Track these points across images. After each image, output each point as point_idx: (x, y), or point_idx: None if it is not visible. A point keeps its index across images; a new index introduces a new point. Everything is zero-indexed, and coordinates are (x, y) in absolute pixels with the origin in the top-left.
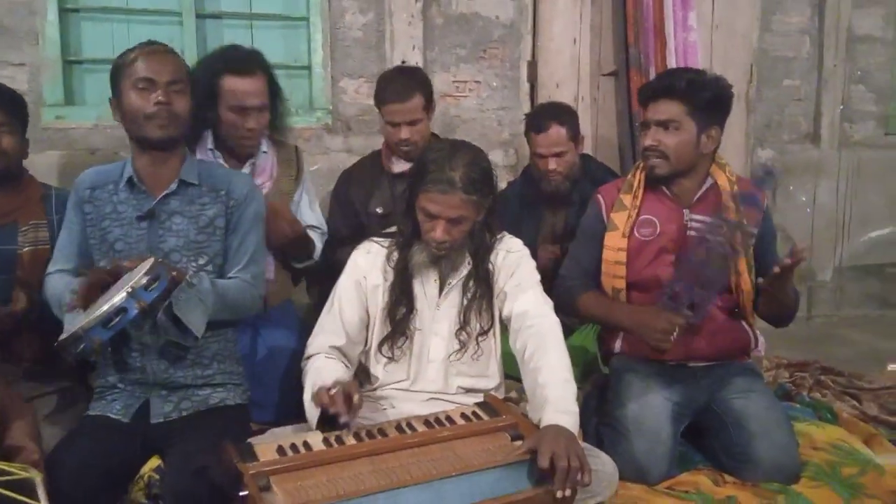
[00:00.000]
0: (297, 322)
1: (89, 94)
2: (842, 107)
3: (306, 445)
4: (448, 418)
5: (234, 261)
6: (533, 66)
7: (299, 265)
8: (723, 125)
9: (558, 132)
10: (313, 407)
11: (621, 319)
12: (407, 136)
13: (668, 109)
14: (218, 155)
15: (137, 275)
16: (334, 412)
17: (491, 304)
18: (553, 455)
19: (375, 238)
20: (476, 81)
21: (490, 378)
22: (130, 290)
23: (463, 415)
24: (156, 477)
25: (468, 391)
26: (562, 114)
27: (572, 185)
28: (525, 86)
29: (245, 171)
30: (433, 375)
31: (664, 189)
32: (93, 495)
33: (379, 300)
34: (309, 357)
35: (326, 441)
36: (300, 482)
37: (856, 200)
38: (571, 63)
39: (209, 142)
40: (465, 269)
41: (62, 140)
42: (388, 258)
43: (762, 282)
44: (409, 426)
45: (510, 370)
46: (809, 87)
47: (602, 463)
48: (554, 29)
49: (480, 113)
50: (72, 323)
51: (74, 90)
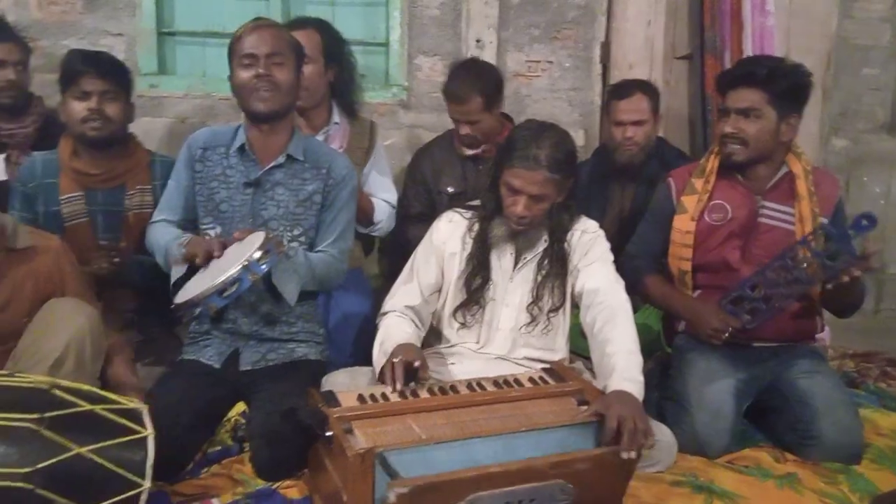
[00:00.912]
0: (369, 289)
1: (180, 65)
2: None
3: (384, 396)
4: (516, 381)
5: (325, 235)
6: (606, 48)
7: (363, 230)
8: (801, 113)
9: (641, 99)
10: (379, 360)
11: (680, 309)
12: (467, 132)
13: (749, 97)
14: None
15: (251, 248)
16: (389, 384)
17: (564, 282)
18: (620, 418)
19: (458, 209)
20: (549, 62)
21: (556, 352)
22: (246, 263)
23: (530, 378)
24: (241, 420)
25: (534, 361)
26: (646, 86)
27: (645, 161)
28: (597, 67)
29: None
30: (501, 343)
31: (737, 175)
32: (188, 432)
33: (455, 267)
34: (384, 314)
35: (402, 394)
36: (379, 428)
37: None
38: (645, 45)
39: None
40: (542, 247)
41: (155, 108)
42: (469, 229)
43: (829, 287)
44: (480, 385)
45: (573, 344)
46: (888, 77)
47: (662, 433)
48: (629, 10)
49: (551, 93)
50: (177, 275)
51: (167, 60)
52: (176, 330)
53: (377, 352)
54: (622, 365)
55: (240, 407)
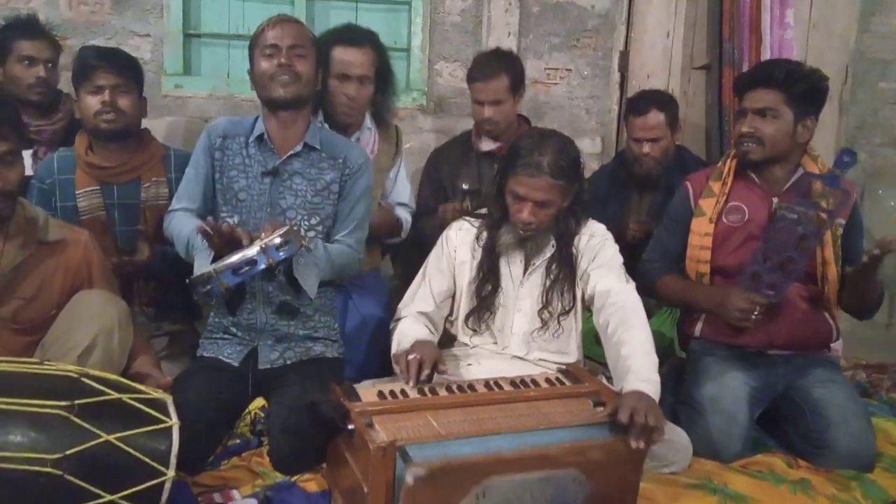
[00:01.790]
0: (385, 291)
1: (205, 66)
2: None
3: (403, 393)
4: (533, 381)
5: (342, 225)
6: (625, 57)
7: (389, 241)
8: (818, 116)
9: (657, 117)
10: (397, 364)
11: (701, 300)
12: (490, 115)
13: (767, 98)
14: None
15: (272, 235)
16: (404, 378)
17: (573, 286)
18: (632, 410)
19: (467, 217)
20: (567, 69)
21: (569, 355)
22: (263, 246)
23: (547, 379)
24: (261, 415)
25: (548, 363)
26: (663, 100)
27: (663, 171)
28: (616, 76)
29: None
30: (515, 347)
31: (753, 177)
32: (210, 425)
33: (466, 275)
34: (398, 319)
35: (421, 391)
36: (399, 423)
37: None
38: (664, 55)
39: (319, 116)
40: (549, 252)
41: (179, 107)
42: (478, 237)
43: (850, 269)
44: (497, 384)
45: (588, 350)
46: None
47: (677, 435)
48: (648, 21)
49: (569, 101)
50: (201, 262)
51: (192, 61)
52: (196, 325)
53: (395, 352)
54: (637, 366)
55: (259, 402)
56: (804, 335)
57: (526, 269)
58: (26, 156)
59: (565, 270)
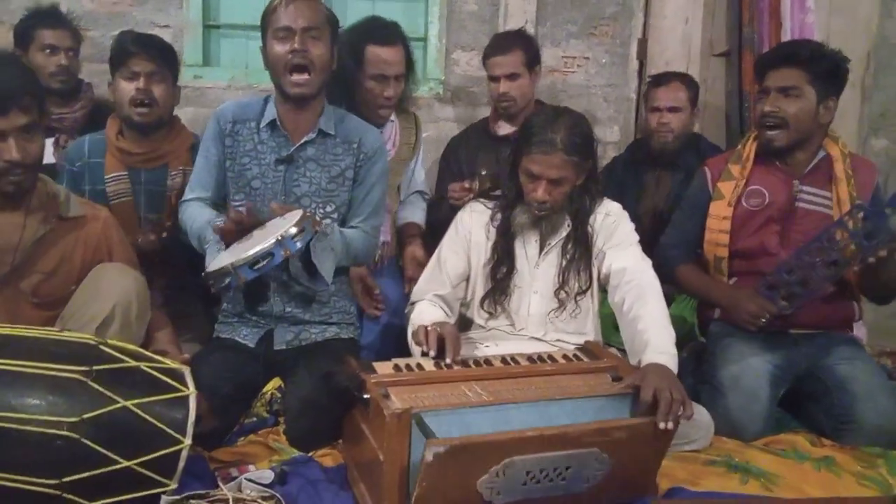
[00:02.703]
0: (401, 278)
1: (224, 57)
2: None
3: (419, 366)
4: (550, 357)
5: (358, 211)
6: (643, 44)
7: None
8: (838, 97)
9: (678, 87)
10: (414, 345)
11: (716, 296)
12: (506, 90)
13: (790, 76)
14: None
15: (287, 224)
16: (426, 349)
17: (589, 265)
18: (656, 389)
19: (481, 199)
20: (585, 57)
21: (587, 335)
22: (280, 238)
23: (564, 356)
24: (277, 395)
25: (566, 344)
26: (686, 77)
27: (680, 150)
28: (634, 63)
29: None
30: (532, 329)
31: (774, 160)
32: (227, 404)
33: (481, 256)
34: (413, 303)
35: (437, 364)
36: (414, 394)
37: None
38: (682, 42)
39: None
40: (565, 231)
41: (199, 98)
42: (492, 219)
43: (871, 260)
44: (513, 360)
45: (606, 337)
46: None
47: (699, 412)
48: (667, 7)
49: (587, 89)
50: (212, 256)
51: (211, 52)
52: (213, 309)
53: (412, 332)
54: (655, 339)
55: (275, 382)
56: (826, 314)
57: (541, 250)
58: (47, 144)
59: (581, 250)
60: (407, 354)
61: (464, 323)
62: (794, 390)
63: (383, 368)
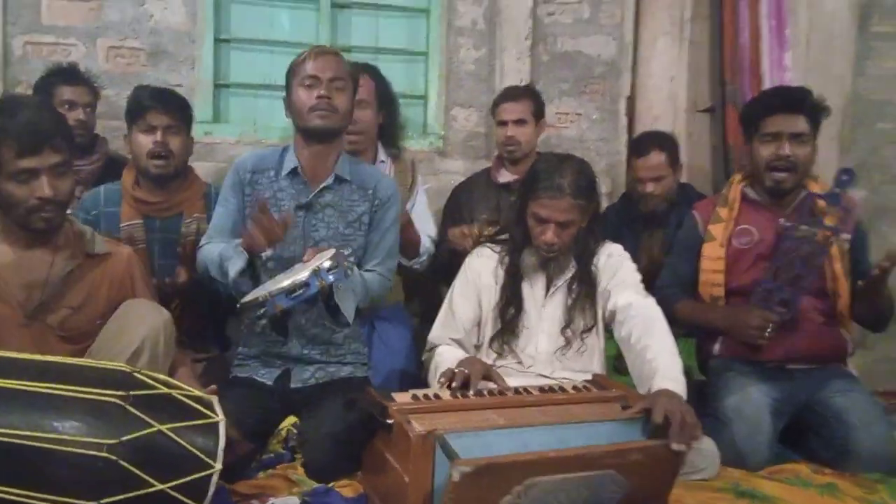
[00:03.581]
0: (409, 323)
1: (233, 114)
2: None
3: (436, 396)
4: (561, 388)
5: (373, 255)
6: (631, 101)
7: (407, 262)
8: None
9: (658, 158)
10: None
11: (716, 320)
12: (513, 134)
13: (801, 123)
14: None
15: (322, 258)
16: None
17: (594, 304)
18: (668, 412)
19: (489, 244)
20: (577, 114)
21: (594, 372)
22: (315, 269)
23: (574, 387)
24: (293, 431)
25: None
26: (663, 141)
27: (669, 208)
28: (623, 119)
29: None
30: (540, 367)
31: (760, 200)
32: (248, 434)
33: (491, 299)
34: (432, 348)
35: (453, 394)
36: (434, 421)
37: None
38: (668, 99)
39: None
40: (570, 272)
41: (209, 153)
42: (500, 262)
43: (861, 283)
44: (526, 391)
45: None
46: None
47: (705, 442)
48: (652, 67)
49: (580, 143)
50: (234, 267)
51: (221, 110)
52: (227, 354)
53: (434, 374)
54: (663, 366)
55: (290, 420)
56: (820, 349)
57: (548, 290)
58: None
59: (586, 289)
60: None
61: None
62: (794, 424)
63: (402, 398)
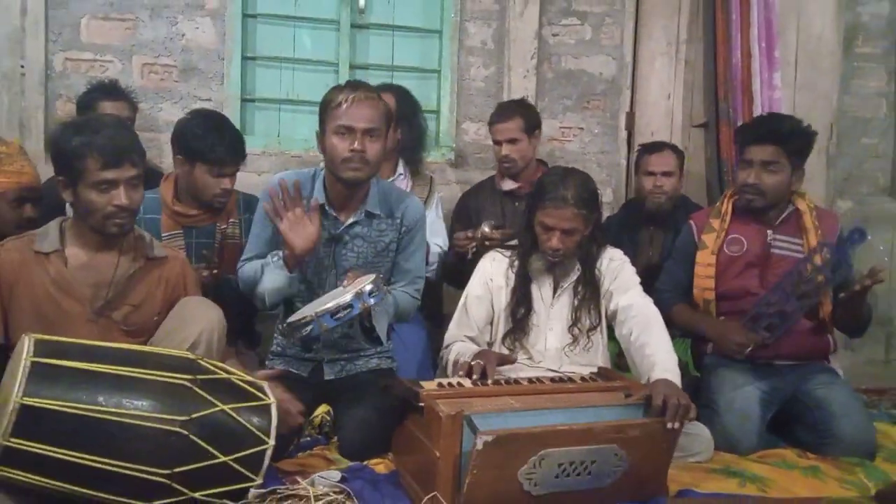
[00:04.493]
0: (423, 323)
1: (258, 127)
2: None
3: (459, 384)
4: (570, 378)
5: (402, 277)
6: (631, 117)
7: None
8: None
9: (670, 154)
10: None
11: (707, 330)
12: (507, 153)
13: (771, 152)
14: None
15: (364, 282)
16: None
17: (598, 304)
18: (664, 395)
19: (499, 250)
20: (580, 128)
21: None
22: (358, 292)
23: (582, 377)
24: (327, 418)
25: None
26: (674, 146)
27: (669, 213)
28: (623, 133)
29: None
30: (549, 363)
31: (750, 214)
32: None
33: (503, 300)
34: (447, 346)
35: (475, 383)
36: (460, 404)
37: None
38: (665, 115)
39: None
40: (575, 275)
41: None
42: (511, 266)
43: (843, 295)
44: (539, 380)
45: None
46: (887, 146)
47: (700, 429)
48: (651, 85)
49: (582, 156)
50: (272, 279)
51: (247, 123)
52: (257, 351)
53: (452, 366)
54: (661, 360)
55: (324, 408)
56: (805, 349)
57: (555, 292)
58: None
59: (590, 290)
60: None
61: None
62: (781, 414)
63: (429, 386)
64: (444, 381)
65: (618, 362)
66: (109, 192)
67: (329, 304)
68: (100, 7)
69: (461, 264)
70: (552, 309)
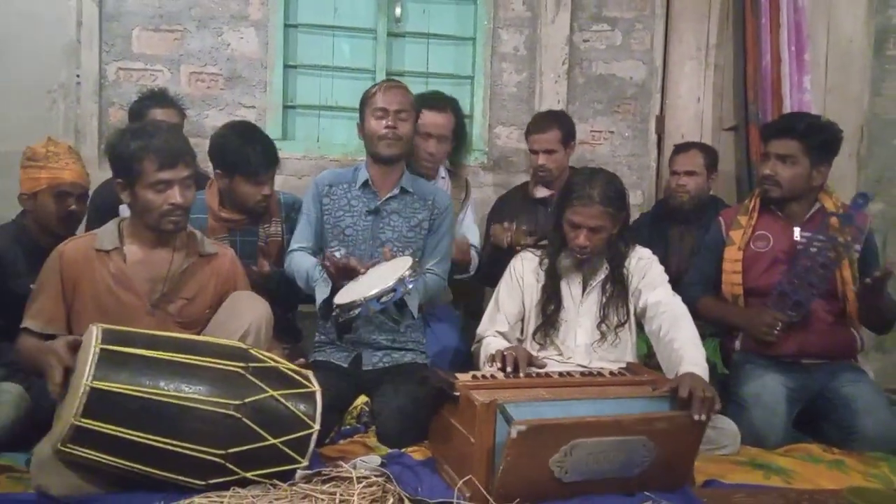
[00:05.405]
0: (458, 322)
1: (299, 132)
2: None
3: (492, 377)
4: (599, 372)
5: (431, 257)
6: (661, 121)
7: (458, 276)
8: (831, 163)
9: (696, 154)
10: (488, 367)
11: (733, 317)
12: (543, 163)
13: (788, 146)
14: None
15: (403, 266)
16: (506, 367)
17: (626, 301)
18: (691, 388)
19: (530, 248)
20: (610, 132)
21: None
22: (401, 277)
23: (610, 372)
24: (366, 409)
25: None
26: (705, 146)
27: (698, 209)
28: (653, 137)
29: None
30: (579, 358)
31: (777, 210)
32: (327, 412)
33: (533, 297)
34: (480, 340)
35: (507, 375)
36: (494, 394)
37: None
38: (695, 118)
39: None
40: (604, 273)
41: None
42: (541, 264)
43: (856, 288)
44: (569, 374)
45: None
46: None
47: (727, 423)
48: (681, 88)
49: (613, 158)
50: (321, 292)
51: (289, 128)
52: (299, 344)
53: (484, 360)
54: (688, 355)
55: (362, 399)
56: (830, 346)
57: (584, 289)
58: None
59: (619, 288)
60: None
61: None
62: (807, 411)
63: (463, 377)
64: (479, 374)
65: (647, 363)
66: (165, 192)
67: (375, 291)
68: (150, 19)
69: (497, 253)
70: (581, 306)
